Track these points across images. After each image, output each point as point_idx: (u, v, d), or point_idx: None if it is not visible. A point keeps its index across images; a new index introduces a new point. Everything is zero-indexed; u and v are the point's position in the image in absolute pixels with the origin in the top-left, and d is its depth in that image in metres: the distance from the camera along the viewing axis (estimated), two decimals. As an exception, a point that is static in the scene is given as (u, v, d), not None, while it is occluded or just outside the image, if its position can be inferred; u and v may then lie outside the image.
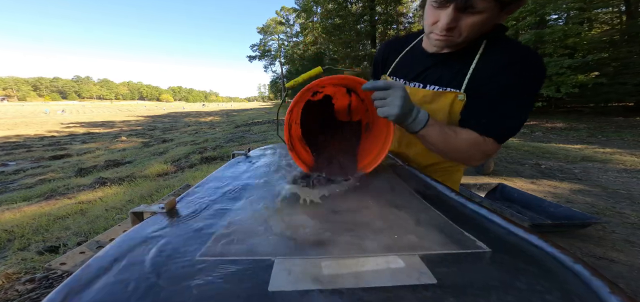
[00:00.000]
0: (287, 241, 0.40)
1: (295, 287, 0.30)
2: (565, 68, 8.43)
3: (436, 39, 0.69)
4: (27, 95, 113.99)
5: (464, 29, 0.64)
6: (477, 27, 0.63)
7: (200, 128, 11.67)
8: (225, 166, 0.86)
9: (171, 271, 0.33)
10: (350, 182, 0.68)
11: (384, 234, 0.42)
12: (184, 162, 4.75)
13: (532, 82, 0.66)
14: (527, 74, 0.66)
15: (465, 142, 0.69)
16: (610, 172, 3.82)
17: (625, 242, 2.01)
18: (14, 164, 5.25)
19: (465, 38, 0.66)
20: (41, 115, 23.42)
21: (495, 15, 0.61)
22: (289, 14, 39.14)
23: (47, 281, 1.42)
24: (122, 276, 0.32)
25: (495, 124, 0.68)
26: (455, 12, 0.62)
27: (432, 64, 0.77)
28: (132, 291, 0.30)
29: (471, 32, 0.64)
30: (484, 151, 0.70)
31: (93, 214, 2.45)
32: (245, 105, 63.41)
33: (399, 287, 0.30)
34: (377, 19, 17.49)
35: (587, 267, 0.32)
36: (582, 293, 0.29)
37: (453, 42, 0.68)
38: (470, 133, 0.69)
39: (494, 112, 0.68)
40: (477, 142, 0.69)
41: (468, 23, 0.63)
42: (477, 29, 0.63)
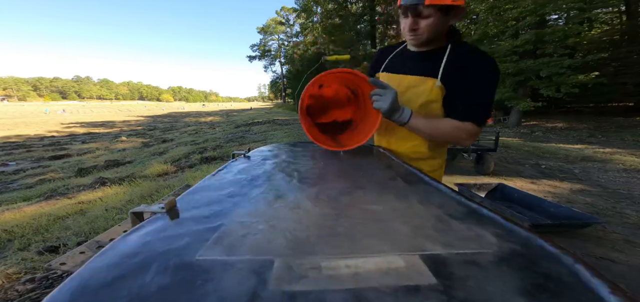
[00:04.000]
0: (287, 241, 0.40)
1: (295, 287, 0.30)
2: (565, 68, 8.42)
3: (409, 39, 0.93)
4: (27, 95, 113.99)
5: (424, 29, 0.86)
6: (432, 26, 0.85)
7: (200, 128, 11.68)
8: (225, 165, 0.86)
9: (171, 271, 0.33)
10: (350, 182, 0.68)
11: (383, 233, 0.42)
12: (184, 162, 4.76)
13: (491, 74, 0.87)
14: (487, 68, 0.87)
15: (449, 126, 0.90)
16: (610, 172, 3.82)
17: (626, 242, 2.01)
18: (14, 164, 5.25)
19: (428, 36, 0.87)
20: (41, 115, 23.42)
21: (443, 18, 0.84)
22: (289, 14, 39.14)
23: (47, 281, 1.42)
24: (121, 276, 0.32)
25: (470, 110, 0.88)
26: (412, 18, 0.86)
27: (415, 60, 0.99)
28: (132, 291, 0.30)
29: (429, 30, 0.86)
30: (468, 131, 0.89)
31: (93, 214, 2.45)
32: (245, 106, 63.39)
33: (399, 287, 0.30)
34: (377, 19, 17.48)
35: (587, 267, 0.32)
36: (582, 293, 0.29)
37: (420, 39, 0.89)
38: (452, 121, 0.90)
39: (467, 101, 0.88)
40: (458, 127, 0.89)
41: (424, 25, 0.85)
42: (432, 28, 0.85)
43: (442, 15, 0.83)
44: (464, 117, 0.89)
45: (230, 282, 0.31)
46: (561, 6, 8.92)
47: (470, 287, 0.30)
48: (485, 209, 0.49)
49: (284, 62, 42.10)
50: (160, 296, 0.29)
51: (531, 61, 9.14)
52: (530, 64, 9.05)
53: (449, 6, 0.81)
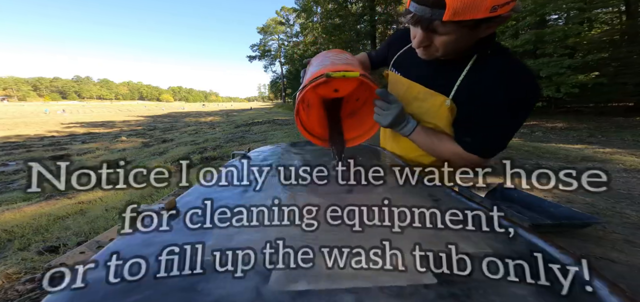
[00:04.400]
0: (287, 241, 0.40)
1: (295, 286, 0.30)
2: (565, 68, 8.42)
3: (419, 54, 0.73)
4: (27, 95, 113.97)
5: (439, 46, 0.65)
6: (451, 45, 0.64)
7: (200, 128, 11.68)
8: (225, 165, 0.86)
9: (171, 271, 0.33)
10: (350, 182, 0.68)
11: (384, 234, 0.42)
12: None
13: (519, 105, 0.66)
14: (515, 96, 0.65)
15: (448, 151, 0.76)
16: (610, 172, 3.82)
17: (625, 242, 2.01)
18: (14, 164, 5.25)
19: (443, 53, 0.67)
20: (41, 115, 23.43)
21: (469, 33, 0.60)
22: (289, 14, 39.12)
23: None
24: (121, 276, 0.32)
25: (477, 144, 0.72)
26: (425, 33, 0.64)
27: (430, 66, 0.79)
28: (132, 291, 0.30)
29: (446, 49, 0.65)
30: (468, 160, 0.74)
31: (93, 214, 2.45)
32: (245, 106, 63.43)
33: (399, 287, 0.30)
34: (377, 19, 17.48)
35: (587, 267, 0.32)
36: (582, 293, 0.29)
37: (433, 56, 0.70)
38: (455, 145, 0.75)
39: (478, 134, 0.71)
40: (459, 155, 0.74)
41: (439, 42, 0.64)
42: (450, 47, 0.64)
43: (468, 30, 0.59)
44: (470, 149, 0.73)
45: (230, 282, 0.31)
46: (561, 6, 8.92)
47: (471, 287, 0.30)
48: (485, 208, 0.49)
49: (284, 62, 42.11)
50: (161, 296, 0.29)
51: (531, 61, 9.14)
52: (530, 64, 9.05)
53: (478, 21, 0.56)
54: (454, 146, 0.75)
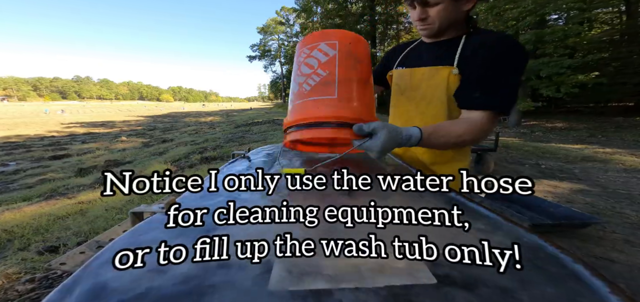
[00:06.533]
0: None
1: (295, 286, 0.30)
2: (565, 68, 8.42)
3: (420, 30, 0.86)
4: (27, 95, 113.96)
5: (435, 17, 0.80)
6: (443, 13, 0.79)
7: (200, 128, 11.68)
8: (225, 165, 0.86)
9: (171, 271, 0.33)
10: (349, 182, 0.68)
11: (383, 233, 0.42)
12: (184, 162, 4.76)
13: (513, 56, 0.77)
14: (508, 50, 0.77)
15: (461, 129, 0.76)
16: (610, 172, 3.82)
17: (625, 242, 2.01)
18: (14, 164, 5.25)
19: (440, 23, 0.81)
20: (41, 115, 23.43)
21: (454, 4, 0.77)
22: (289, 14, 39.10)
23: (47, 281, 1.42)
24: (121, 276, 0.32)
25: (485, 95, 0.76)
26: (420, 7, 0.80)
27: (431, 50, 0.91)
28: (132, 291, 0.30)
29: (440, 18, 0.80)
30: (482, 129, 0.77)
31: (93, 214, 2.45)
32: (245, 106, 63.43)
33: (399, 287, 0.30)
34: (377, 19, 17.49)
35: (587, 267, 0.32)
36: (582, 293, 0.29)
37: (432, 29, 0.83)
38: (462, 122, 0.78)
39: (484, 85, 0.77)
40: (473, 125, 0.76)
41: (434, 12, 0.79)
42: (443, 15, 0.79)
43: (451, 1, 0.76)
44: (481, 105, 0.76)
45: (230, 282, 0.31)
46: (561, 6, 8.92)
47: (470, 287, 0.30)
48: (485, 208, 0.49)
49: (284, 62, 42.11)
50: (161, 296, 0.29)
51: (531, 61, 9.14)
52: (530, 64, 9.04)
53: None
54: (461, 123, 0.77)
